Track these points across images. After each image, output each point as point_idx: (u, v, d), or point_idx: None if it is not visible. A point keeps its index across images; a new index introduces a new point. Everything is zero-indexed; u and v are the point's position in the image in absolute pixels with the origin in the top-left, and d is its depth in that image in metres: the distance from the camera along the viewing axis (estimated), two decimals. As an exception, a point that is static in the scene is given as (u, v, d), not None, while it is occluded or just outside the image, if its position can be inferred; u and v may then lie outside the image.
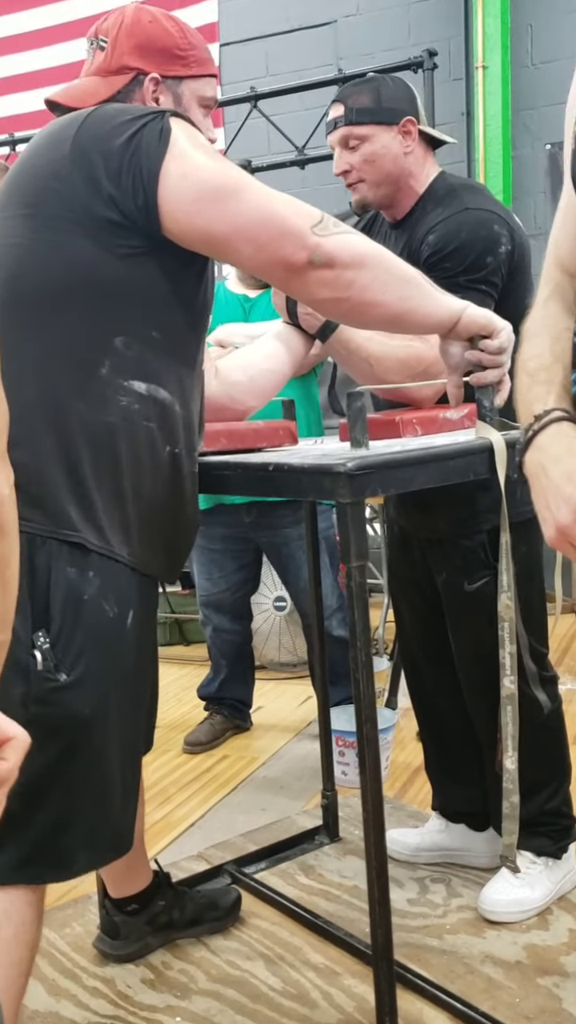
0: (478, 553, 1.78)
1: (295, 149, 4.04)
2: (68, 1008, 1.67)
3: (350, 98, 1.78)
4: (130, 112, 1.25)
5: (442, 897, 1.96)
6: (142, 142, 1.21)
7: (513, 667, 1.39)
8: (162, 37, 1.38)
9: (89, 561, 1.20)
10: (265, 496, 2.36)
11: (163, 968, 1.78)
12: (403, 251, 1.76)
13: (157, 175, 1.20)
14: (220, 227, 1.22)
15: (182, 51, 1.39)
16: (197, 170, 1.21)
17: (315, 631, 2.23)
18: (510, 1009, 1.59)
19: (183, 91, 1.40)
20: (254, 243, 1.23)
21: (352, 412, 1.31)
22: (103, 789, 1.25)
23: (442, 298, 1.35)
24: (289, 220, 1.22)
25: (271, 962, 1.77)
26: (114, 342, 1.22)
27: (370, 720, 1.26)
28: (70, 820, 1.23)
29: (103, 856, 1.30)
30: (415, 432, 1.49)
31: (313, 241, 1.22)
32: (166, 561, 1.34)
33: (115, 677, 1.24)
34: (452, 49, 4.42)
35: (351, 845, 2.19)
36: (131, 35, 1.37)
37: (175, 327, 1.28)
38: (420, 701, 2.09)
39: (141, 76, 1.37)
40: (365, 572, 1.24)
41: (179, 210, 1.21)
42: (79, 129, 1.23)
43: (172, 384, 1.28)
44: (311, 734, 2.89)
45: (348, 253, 1.24)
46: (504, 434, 1.37)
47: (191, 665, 3.75)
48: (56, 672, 1.18)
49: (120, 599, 1.24)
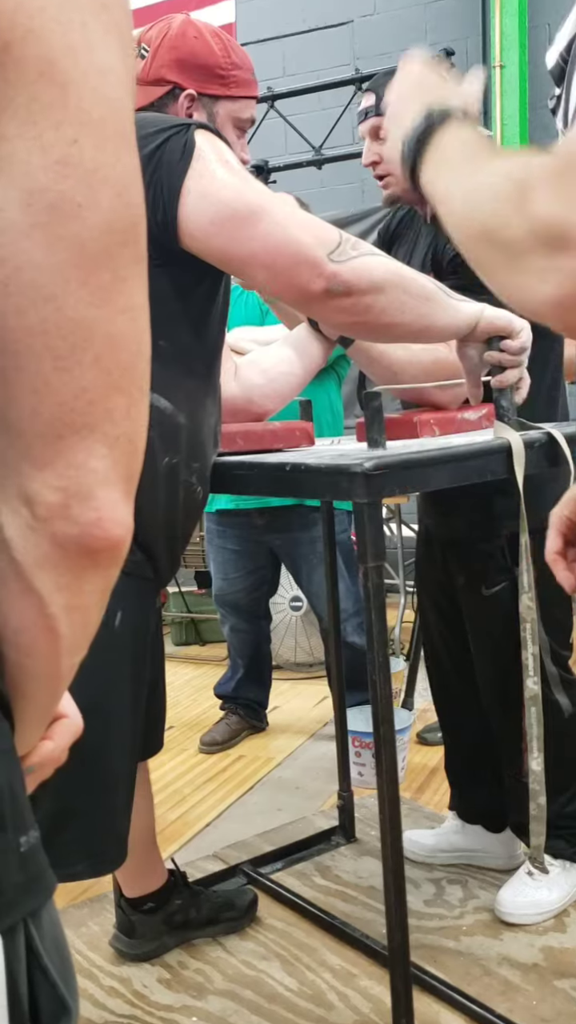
0: (496, 558, 1.77)
1: (312, 149, 4.04)
2: (85, 1007, 1.67)
3: (380, 87, 1.76)
4: (156, 123, 1.24)
5: (458, 898, 1.95)
6: (164, 156, 1.20)
7: (536, 668, 1.39)
8: (204, 54, 1.37)
9: None
10: (282, 496, 2.36)
11: (179, 968, 1.78)
12: (428, 248, 1.76)
13: (178, 192, 1.19)
14: (236, 251, 1.22)
15: (223, 70, 1.37)
16: (217, 191, 1.20)
17: (331, 632, 2.23)
18: (527, 1012, 1.58)
19: (218, 110, 1.39)
20: (270, 270, 1.22)
21: (369, 412, 1.30)
22: (99, 791, 1.25)
23: (459, 306, 1.34)
24: (306, 248, 1.20)
25: (287, 963, 1.77)
26: None
27: (387, 721, 1.26)
28: (65, 820, 1.22)
29: (104, 860, 1.30)
30: (432, 432, 1.49)
31: (330, 270, 1.20)
32: (158, 565, 1.33)
33: (103, 678, 1.23)
34: (469, 48, 4.41)
35: (367, 846, 2.19)
36: (173, 48, 1.36)
37: (184, 338, 1.28)
38: (442, 700, 2.09)
39: (177, 90, 1.36)
40: (382, 573, 1.24)
41: (197, 230, 1.21)
42: None
43: (177, 395, 1.27)
44: (327, 735, 2.88)
45: (366, 280, 1.22)
46: (522, 434, 1.37)
47: (207, 665, 3.76)
48: None
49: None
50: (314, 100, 4.19)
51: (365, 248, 1.25)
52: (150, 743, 1.63)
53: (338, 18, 4.65)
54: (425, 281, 1.31)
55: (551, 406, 1.81)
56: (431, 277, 1.72)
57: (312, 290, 1.21)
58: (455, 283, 1.61)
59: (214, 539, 2.90)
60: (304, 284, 1.21)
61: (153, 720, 1.62)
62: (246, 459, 1.44)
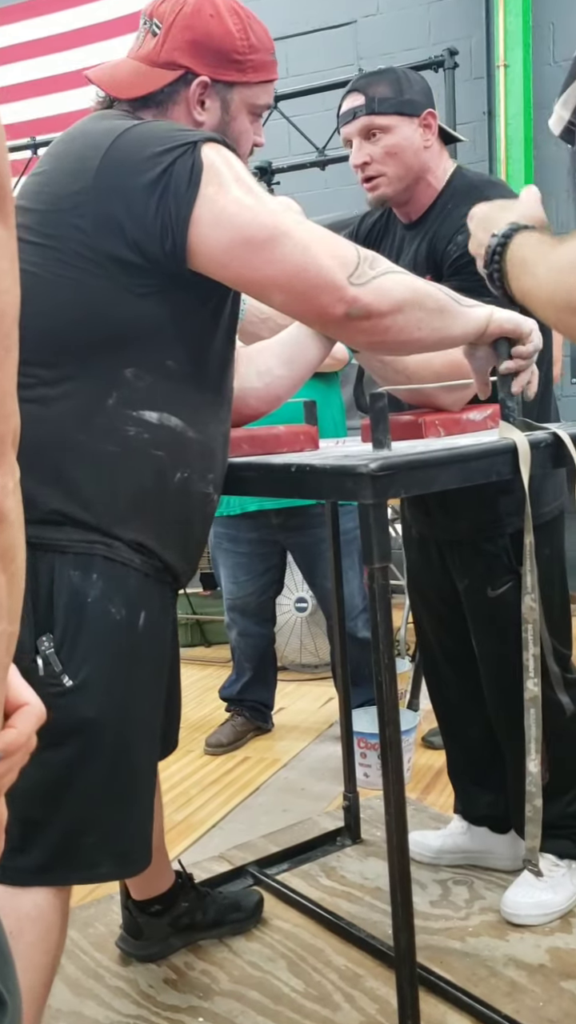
0: (501, 558, 1.76)
1: (316, 150, 4.04)
2: (91, 1007, 1.68)
3: (369, 87, 1.72)
4: (160, 141, 1.17)
5: (464, 899, 1.95)
6: (171, 183, 1.14)
7: (536, 669, 1.38)
8: (221, 37, 1.26)
9: (93, 564, 1.19)
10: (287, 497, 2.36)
11: (185, 969, 1.78)
12: (421, 251, 1.74)
13: (187, 221, 1.14)
14: (254, 276, 1.18)
15: (240, 55, 1.28)
16: (231, 217, 1.15)
17: (337, 632, 2.23)
18: (533, 1013, 1.58)
19: (233, 97, 1.30)
20: (289, 294, 1.19)
21: (374, 413, 1.30)
22: (123, 792, 1.25)
23: (470, 313, 1.32)
24: (326, 272, 1.16)
25: (293, 964, 1.77)
26: (124, 373, 1.20)
27: (393, 722, 1.26)
28: (89, 823, 1.22)
29: (130, 861, 1.28)
30: (438, 433, 1.49)
31: (351, 294, 1.17)
32: (175, 572, 1.33)
33: (127, 680, 1.23)
34: (473, 48, 4.40)
35: (373, 847, 2.19)
36: (188, 28, 1.26)
37: (193, 357, 1.25)
38: (441, 705, 2.08)
39: (190, 76, 1.27)
40: (388, 574, 1.24)
41: (210, 259, 1.17)
42: (105, 156, 1.16)
43: (187, 410, 1.25)
44: (333, 736, 2.88)
45: (386, 302, 1.20)
46: (528, 435, 1.36)
47: (212, 666, 3.76)
48: (60, 676, 1.17)
49: (129, 601, 1.22)
50: (318, 101, 4.18)
51: (382, 266, 1.21)
52: (166, 743, 1.63)
53: (341, 18, 4.64)
54: (437, 292, 1.28)
55: (544, 406, 1.80)
56: (431, 281, 1.72)
57: (333, 314, 1.19)
58: (457, 285, 1.60)
59: (223, 543, 2.90)
60: (324, 308, 1.18)
61: (170, 720, 1.62)
62: (252, 460, 1.44)
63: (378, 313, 1.19)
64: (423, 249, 1.73)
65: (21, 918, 1.21)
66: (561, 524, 1.83)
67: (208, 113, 1.30)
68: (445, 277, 1.65)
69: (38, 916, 1.22)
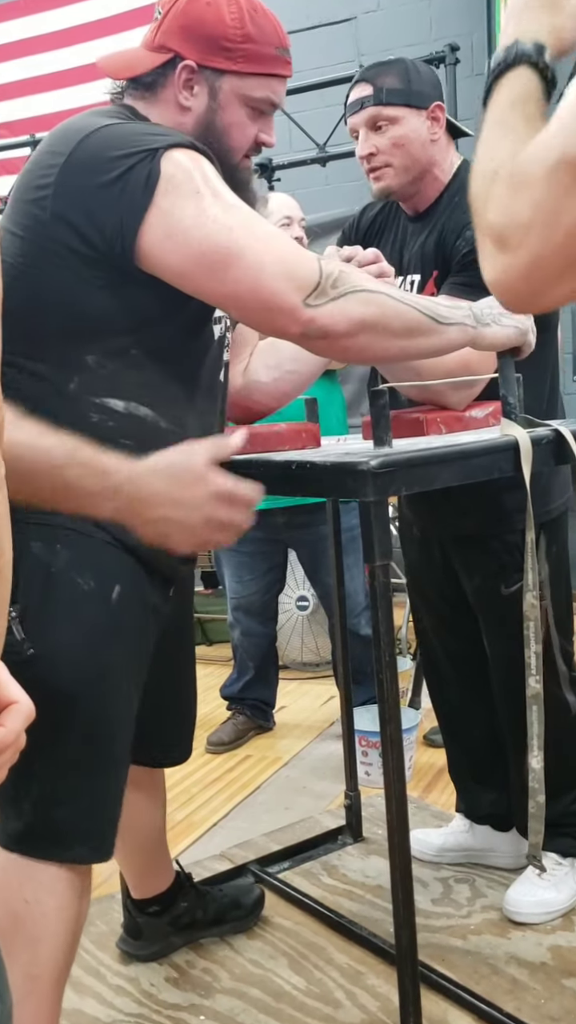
0: (513, 555, 1.74)
1: (316, 146, 4.03)
2: (92, 1006, 1.67)
3: (378, 78, 1.70)
4: (123, 145, 1.17)
5: (466, 897, 1.95)
6: (127, 188, 1.14)
7: (539, 667, 1.38)
8: (212, 23, 1.25)
9: (55, 535, 1.18)
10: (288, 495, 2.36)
11: (187, 967, 1.78)
12: (429, 245, 1.73)
13: (136, 230, 1.14)
14: (208, 292, 1.19)
15: (230, 42, 1.25)
16: (182, 232, 1.14)
17: (338, 630, 2.23)
18: (535, 1011, 1.58)
19: (222, 86, 1.28)
20: (243, 312, 1.20)
21: (375, 410, 1.30)
22: (94, 766, 1.23)
23: (448, 332, 1.28)
24: (279, 295, 1.15)
25: (294, 961, 1.77)
26: (85, 359, 1.20)
27: (394, 720, 1.25)
28: (60, 794, 1.21)
29: (103, 846, 1.27)
30: (439, 430, 1.48)
31: (306, 316, 1.15)
32: (159, 554, 1.29)
33: (100, 652, 1.21)
34: (474, 44, 4.39)
35: (374, 845, 2.19)
36: (183, 13, 1.26)
37: (159, 345, 1.24)
38: (442, 704, 2.08)
39: (178, 60, 1.26)
40: (389, 571, 1.24)
41: (163, 270, 1.17)
42: (70, 155, 1.17)
43: (159, 401, 1.24)
44: (334, 734, 2.88)
45: (343, 324, 1.18)
46: (529, 432, 1.36)
47: (213, 665, 3.75)
48: (22, 645, 1.16)
49: (99, 574, 1.21)
50: (318, 97, 4.17)
51: (349, 284, 1.19)
52: (179, 750, 1.62)
53: (342, 14, 4.63)
54: (409, 311, 1.23)
55: (552, 403, 1.80)
56: (432, 279, 1.71)
57: (288, 333, 1.19)
58: (464, 280, 1.60)
59: None
60: (279, 328, 1.19)
61: (183, 726, 1.61)
62: (252, 458, 1.44)
63: (335, 334, 1.18)
64: (431, 243, 1.72)
65: (37, 888, 1.21)
66: (567, 522, 1.83)
67: (195, 99, 1.29)
68: (452, 272, 1.65)
69: (52, 888, 1.22)
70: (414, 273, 1.76)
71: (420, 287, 1.74)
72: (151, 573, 1.29)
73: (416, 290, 1.75)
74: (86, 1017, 1.64)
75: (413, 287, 1.75)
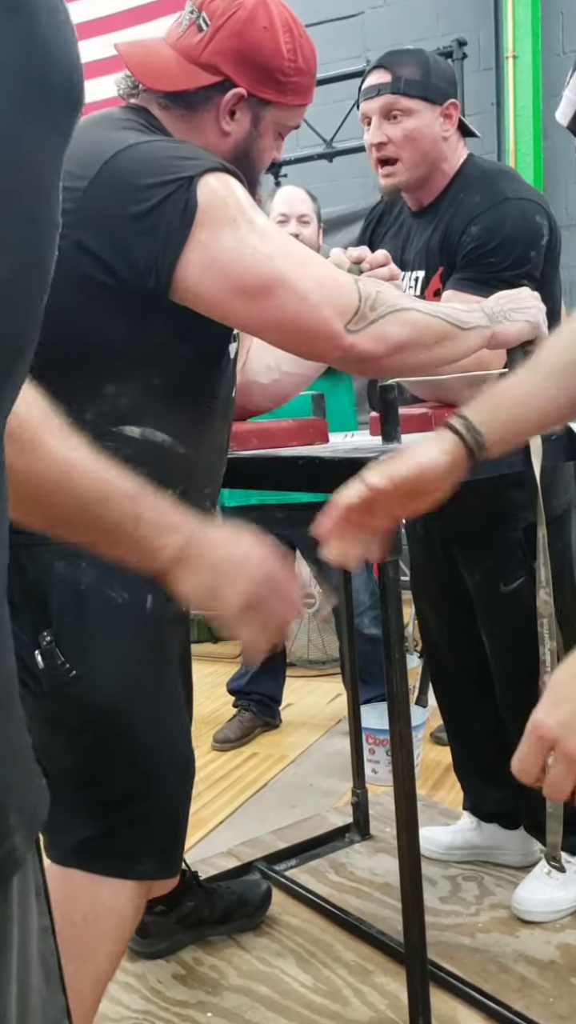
0: (515, 552, 1.74)
1: (323, 142, 4.02)
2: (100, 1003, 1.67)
3: (397, 66, 1.67)
4: (158, 169, 1.11)
5: (474, 896, 1.94)
6: (162, 220, 1.09)
7: (553, 663, 1.37)
8: (269, 53, 1.21)
9: (79, 553, 1.15)
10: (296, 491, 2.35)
11: (194, 964, 1.78)
12: (434, 242, 1.72)
13: (174, 265, 1.10)
14: (247, 323, 1.17)
15: (284, 76, 1.23)
16: (222, 266, 1.10)
17: (345, 628, 2.22)
18: (544, 1009, 1.57)
19: (265, 115, 1.26)
20: (284, 339, 1.19)
21: (384, 405, 1.29)
22: (161, 770, 1.22)
23: (470, 336, 1.29)
24: (322, 323, 1.14)
25: (302, 959, 1.77)
26: (103, 390, 1.17)
27: (403, 717, 1.25)
28: (121, 808, 1.20)
29: (170, 859, 1.26)
30: (447, 426, 1.47)
31: (348, 343, 1.16)
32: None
33: (144, 661, 1.21)
34: (482, 39, 4.37)
35: (382, 843, 2.18)
36: (238, 35, 1.20)
37: (180, 372, 1.22)
38: (448, 702, 2.07)
39: (228, 84, 1.22)
40: (398, 568, 1.23)
41: (199, 302, 1.14)
42: (98, 175, 1.11)
43: (176, 426, 1.22)
44: (341, 731, 2.87)
45: (383, 347, 1.18)
46: (538, 427, 1.35)
47: (220, 662, 3.75)
48: (63, 667, 1.16)
49: (130, 585, 1.19)
50: (325, 93, 4.15)
51: (385, 305, 1.18)
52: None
53: (348, 10, 4.62)
54: (437, 322, 1.24)
55: None
56: (438, 275, 1.70)
57: (329, 358, 1.20)
58: (470, 276, 1.59)
59: None
60: (320, 354, 1.20)
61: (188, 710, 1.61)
62: (259, 454, 1.44)
63: (374, 357, 1.19)
64: (436, 241, 1.71)
65: (97, 907, 1.20)
66: (569, 519, 1.82)
67: (236, 125, 1.26)
68: (458, 268, 1.64)
69: (114, 906, 1.21)
70: (418, 269, 1.75)
71: (424, 283, 1.73)
72: None
73: (420, 286, 1.74)
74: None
75: (417, 284, 1.75)
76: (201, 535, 0.96)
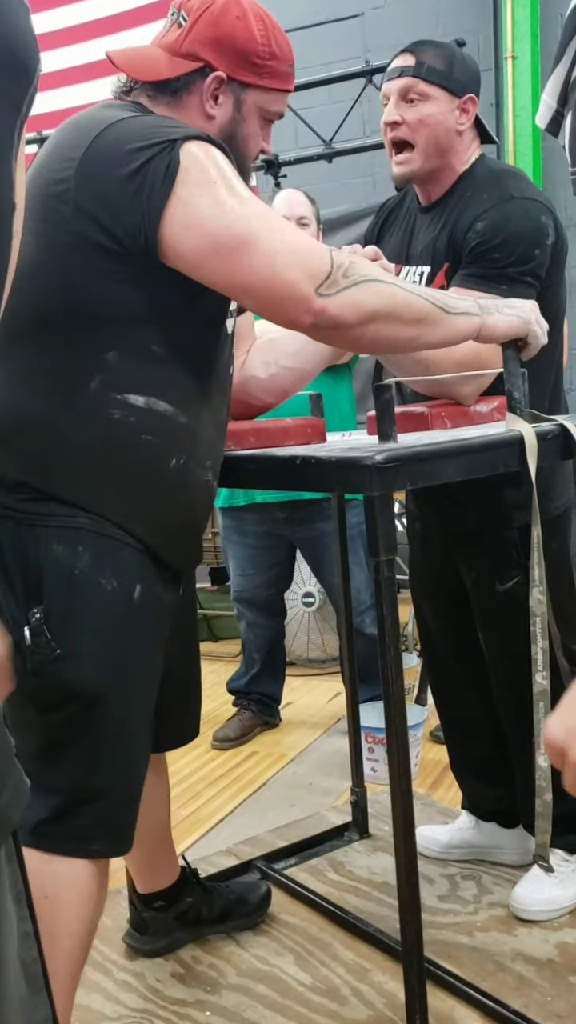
0: (509, 552, 1.75)
1: (322, 143, 4.02)
2: (98, 1001, 1.68)
3: (423, 52, 1.70)
4: (142, 137, 1.18)
5: (472, 894, 1.94)
6: (147, 179, 1.15)
7: (546, 663, 1.38)
8: (243, 38, 1.30)
9: (79, 538, 1.20)
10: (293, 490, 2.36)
11: (193, 963, 1.78)
12: (441, 240, 1.73)
13: (159, 220, 1.16)
14: (223, 281, 1.20)
15: (259, 58, 1.31)
16: (200, 221, 1.16)
17: (344, 626, 2.23)
18: (541, 1008, 1.58)
19: (246, 99, 1.33)
20: (256, 300, 1.21)
21: (380, 405, 1.30)
22: (117, 762, 1.26)
23: (456, 322, 1.31)
24: (292, 285, 1.17)
25: (300, 958, 1.77)
26: (106, 356, 1.20)
27: (399, 716, 1.25)
28: (84, 790, 1.23)
29: (121, 840, 1.29)
30: (444, 425, 1.48)
31: (318, 305, 1.18)
32: (179, 552, 1.33)
33: (121, 650, 1.24)
34: (481, 40, 4.37)
35: (380, 842, 2.18)
36: (212, 24, 1.29)
37: (179, 340, 1.26)
38: (445, 701, 2.07)
39: (208, 70, 1.30)
40: (394, 566, 1.23)
41: (181, 260, 1.18)
42: (88, 148, 1.18)
43: (175, 396, 1.25)
44: (340, 730, 2.88)
45: (354, 314, 1.20)
46: (535, 426, 1.35)
47: (220, 661, 3.76)
48: (49, 646, 1.19)
49: (121, 574, 1.23)
50: (325, 93, 4.16)
51: (358, 274, 1.21)
52: (184, 731, 1.63)
53: (348, 11, 4.62)
54: (418, 301, 1.26)
55: (555, 398, 1.79)
56: (443, 271, 1.70)
57: (300, 323, 1.21)
58: (476, 272, 1.60)
59: (231, 535, 2.90)
60: (292, 318, 1.20)
61: (189, 708, 1.62)
62: (257, 453, 1.44)
63: (346, 324, 1.20)
64: (443, 239, 1.71)
65: (57, 883, 1.23)
66: (569, 520, 1.82)
67: (220, 109, 1.33)
68: (464, 264, 1.65)
69: (74, 881, 1.23)
70: (423, 265, 1.76)
71: (429, 279, 1.74)
72: (164, 571, 1.31)
73: (424, 282, 1.74)
74: (92, 1012, 1.65)
75: (422, 279, 1.75)
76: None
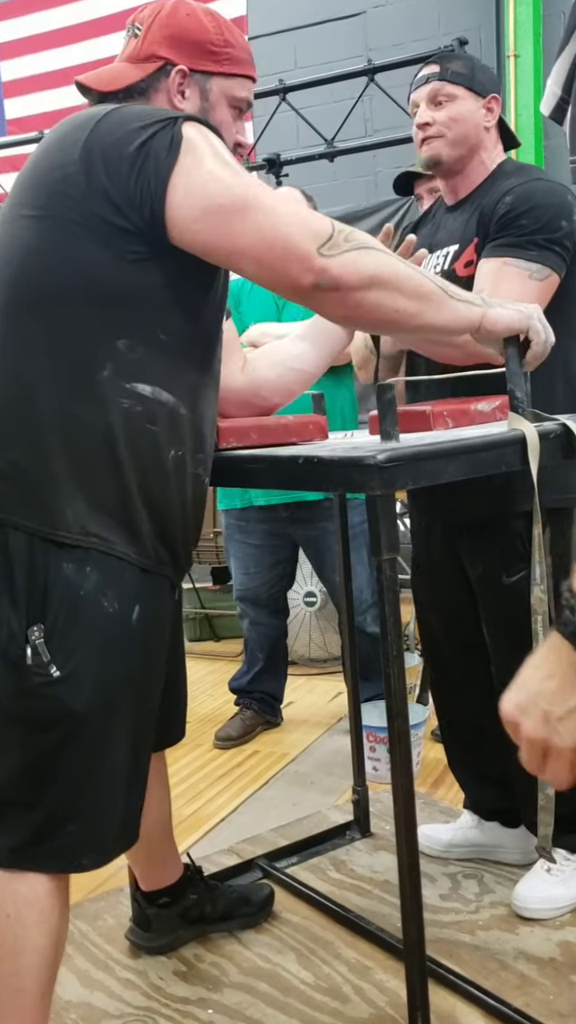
0: (515, 545, 1.75)
1: (324, 142, 4.02)
2: (101, 999, 1.68)
3: (446, 60, 1.83)
4: (143, 117, 1.22)
5: (474, 893, 1.94)
6: (151, 152, 1.18)
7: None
8: (196, 31, 1.35)
9: (88, 557, 1.20)
10: (295, 489, 2.36)
11: (195, 961, 1.78)
12: (470, 219, 1.77)
13: (164, 189, 1.18)
14: (224, 244, 1.20)
15: (215, 47, 1.36)
16: (203, 186, 1.18)
17: (346, 625, 2.23)
18: (543, 1006, 1.58)
19: (211, 87, 1.37)
20: (258, 263, 1.21)
21: (382, 404, 1.29)
22: (105, 783, 1.25)
23: (459, 308, 1.31)
24: (295, 242, 1.18)
25: (302, 956, 1.77)
26: (116, 344, 1.21)
27: (401, 715, 1.25)
28: (70, 811, 1.23)
29: (108, 850, 1.29)
30: (446, 424, 1.48)
31: (319, 264, 1.18)
32: (178, 560, 1.34)
33: (117, 672, 1.24)
34: (483, 38, 4.38)
35: (382, 840, 2.19)
36: (165, 25, 1.35)
37: (184, 330, 1.27)
38: (446, 699, 2.07)
39: (169, 66, 1.34)
40: (396, 566, 1.23)
41: (183, 227, 1.19)
42: (91, 132, 1.21)
43: (179, 387, 1.27)
44: (342, 729, 2.88)
45: (355, 275, 1.20)
46: (537, 426, 1.35)
47: (221, 660, 3.76)
48: (48, 666, 1.18)
49: (122, 595, 1.23)
50: (326, 92, 4.17)
51: (359, 240, 1.22)
52: (172, 732, 1.63)
53: (350, 9, 4.62)
54: (422, 279, 1.28)
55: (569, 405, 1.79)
56: (473, 246, 1.73)
57: (301, 284, 1.20)
58: (505, 241, 1.67)
59: (234, 535, 2.91)
60: (293, 278, 1.20)
61: (176, 708, 1.62)
62: (258, 452, 1.44)
63: (347, 286, 1.21)
64: (472, 221, 1.77)
65: (18, 901, 1.23)
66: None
67: (188, 102, 1.37)
68: (492, 235, 1.69)
69: (34, 899, 1.23)
70: (450, 245, 1.82)
71: (455, 257, 1.79)
72: (163, 587, 1.31)
73: (450, 260, 1.79)
74: (95, 1010, 1.65)
75: (447, 257, 1.80)
76: None
